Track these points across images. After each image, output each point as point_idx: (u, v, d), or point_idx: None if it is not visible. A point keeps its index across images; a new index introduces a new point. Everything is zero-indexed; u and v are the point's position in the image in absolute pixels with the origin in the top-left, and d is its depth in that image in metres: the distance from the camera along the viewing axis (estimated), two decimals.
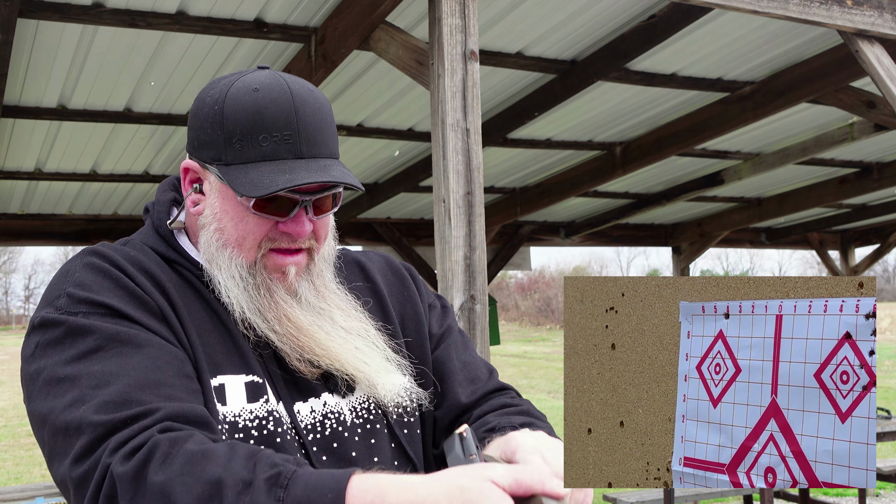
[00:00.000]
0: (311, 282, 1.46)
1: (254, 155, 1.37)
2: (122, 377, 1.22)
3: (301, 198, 1.39)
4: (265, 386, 1.38)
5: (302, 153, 1.38)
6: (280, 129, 1.37)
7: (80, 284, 1.33)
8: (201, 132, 1.42)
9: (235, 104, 1.38)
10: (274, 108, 1.37)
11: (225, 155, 1.38)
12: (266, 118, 1.37)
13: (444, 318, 1.67)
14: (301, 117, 1.39)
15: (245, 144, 1.37)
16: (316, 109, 1.41)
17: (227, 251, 1.41)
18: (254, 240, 1.40)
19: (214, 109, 1.39)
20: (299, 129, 1.38)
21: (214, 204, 1.43)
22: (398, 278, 1.67)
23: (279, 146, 1.37)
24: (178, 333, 1.34)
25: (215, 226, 1.42)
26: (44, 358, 1.27)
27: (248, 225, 1.40)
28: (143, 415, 1.18)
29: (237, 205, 1.40)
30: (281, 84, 1.40)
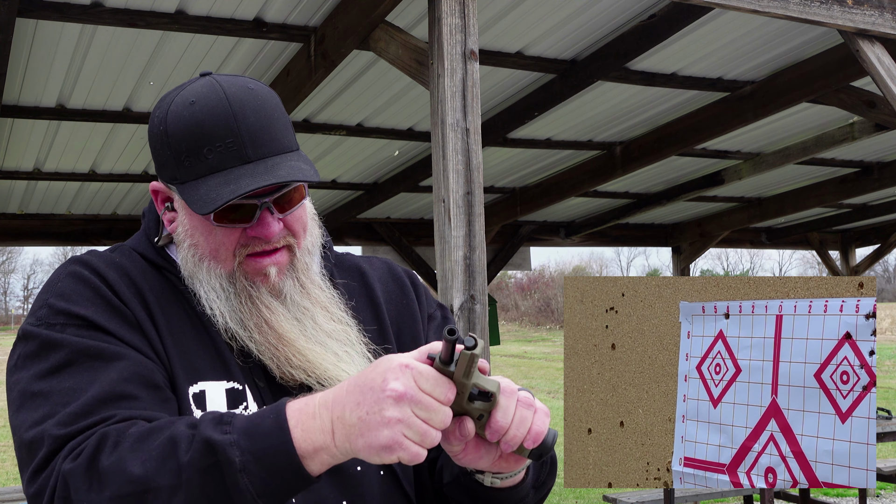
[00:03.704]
0: (295, 278, 1.45)
1: (202, 169, 1.36)
2: (88, 391, 1.25)
3: (259, 201, 1.38)
4: (245, 393, 1.39)
5: (248, 157, 1.36)
6: (222, 138, 1.36)
7: (62, 294, 1.36)
8: (156, 153, 1.43)
9: (176, 122, 1.38)
10: (212, 118, 1.36)
11: (178, 174, 1.39)
12: (205, 130, 1.36)
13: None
14: (241, 121, 1.37)
15: (193, 160, 1.37)
16: (256, 108, 1.39)
17: (205, 264, 1.41)
18: (227, 250, 1.40)
19: (160, 130, 1.40)
20: (241, 133, 1.36)
21: (185, 221, 1.43)
22: (398, 286, 1.65)
23: (224, 155, 1.36)
24: (154, 342, 1.35)
25: (189, 241, 1.43)
26: (22, 370, 1.31)
27: (218, 237, 1.40)
28: (99, 422, 1.22)
29: (203, 219, 1.40)
30: (217, 91, 1.38)
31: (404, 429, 1.09)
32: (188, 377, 1.36)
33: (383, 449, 1.10)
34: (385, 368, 1.12)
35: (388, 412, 1.09)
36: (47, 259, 73.70)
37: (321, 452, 1.15)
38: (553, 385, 21.26)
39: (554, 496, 9.79)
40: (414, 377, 1.11)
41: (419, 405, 1.10)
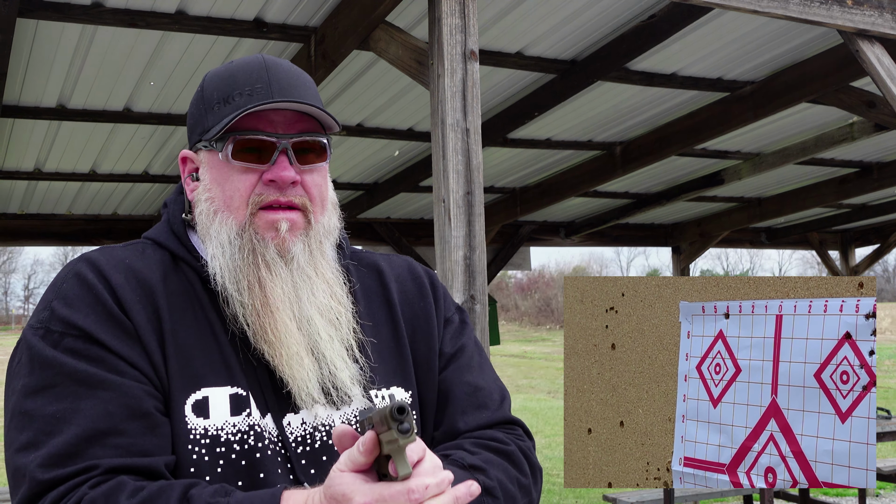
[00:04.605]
0: (307, 244, 1.43)
1: (228, 111, 1.41)
2: (72, 425, 1.26)
3: (279, 140, 1.39)
4: (249, 399, 1.37)
5: (274, 98, 1.39)
6: (252, 84, 1.41)
7: (65, 298, 1.36)
8: (190, 118, 1.49)
9: (212, 78, 1.46)
10: (244, 69, 1.43)
11: (206, 122, 1.43)
12: (237, 79, 1.42)
13: (459, 335, 1.61)
14: (272, 72, 1.42)
15: (221, 105, 1.42)
16: (290, 70, 1.45)
17: (219, 217, 1.42)
18: (241, 197, 1.40)
19: (197, 92, 1.48)
20: (270, 80, 1.41)
21: (205, 177, 1.45)
22: (417, 286, 1.62)
23: (252, 97, 1.40)
24: (153, 354, 1.34)
25: (206, 195, 1.44)
26: (16, 378, 1.33)
27: (234, 183, 1.41)
28: (83, 471, 1.22)
29: (222, 167, 1.42)
30: (257, 55, 1.46)
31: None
32: (190, 384, 1.34)
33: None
34: (334, 478, 1.11)
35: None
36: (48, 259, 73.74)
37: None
38: (553, 385, 21.25)
39: (554, 496, 9.78)
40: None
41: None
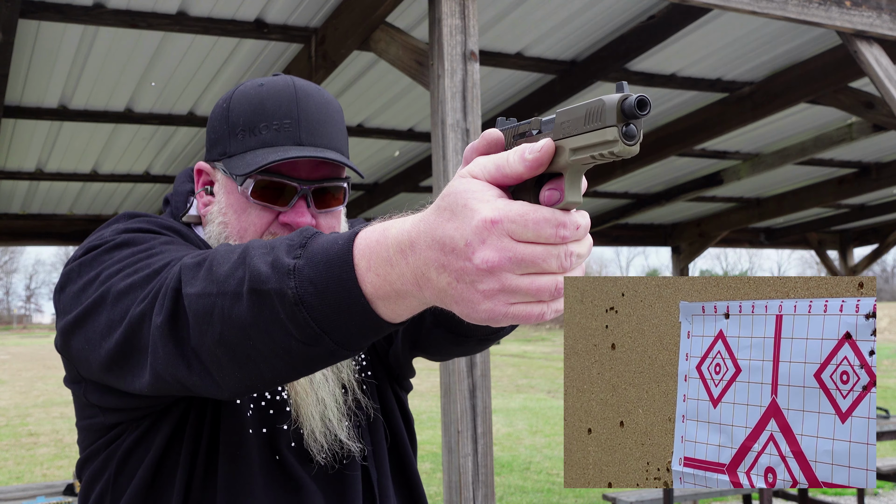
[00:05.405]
0: None
1: (254, 143, 1.39)
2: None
3: (300, 186, 1.39)
4: None
5: (301, 140, 1.38)
6: (280, 118, 1.38)
7: (132, 217, 1.40)
8: (212, 132, 1.46)
9: (240, 99, 1.42)
10: (275, 98, 1.40)
11: (229, 147, 1.41)
12: (267, 108, 1.39)
13: None
14: (303, 108, 1.40)
15: (246, 134, 1.39)
16: (320, 104, 1.42)
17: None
18: (255, 232, 1.40)
19: (223, 108, 1.44)
20: (300, 117, 1.39)
21: (221, 200, 1.45)
22: None
23: (279, 134, 1.38)
24: None
25: (220, 219, 1.44)
26: (90, 265, 1.29)
27: (250, 217, 1.40)
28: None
29: (239, 197, 1.41)
30: (287, 81, 1.42)
31: (509, 298, 0.88)
32: None
33: (489, 320, 0.90)
34: (467, 228, 0.87)
35: (482, 285, 0.87)
36: (49, 259, 73.59)
37: (407, 298, 0.95)
38: (553, 385, 21.25)
39: (554, 496, 9.79)
40: (508, 233, 0.86)
41: (522, 265, 0.87)
